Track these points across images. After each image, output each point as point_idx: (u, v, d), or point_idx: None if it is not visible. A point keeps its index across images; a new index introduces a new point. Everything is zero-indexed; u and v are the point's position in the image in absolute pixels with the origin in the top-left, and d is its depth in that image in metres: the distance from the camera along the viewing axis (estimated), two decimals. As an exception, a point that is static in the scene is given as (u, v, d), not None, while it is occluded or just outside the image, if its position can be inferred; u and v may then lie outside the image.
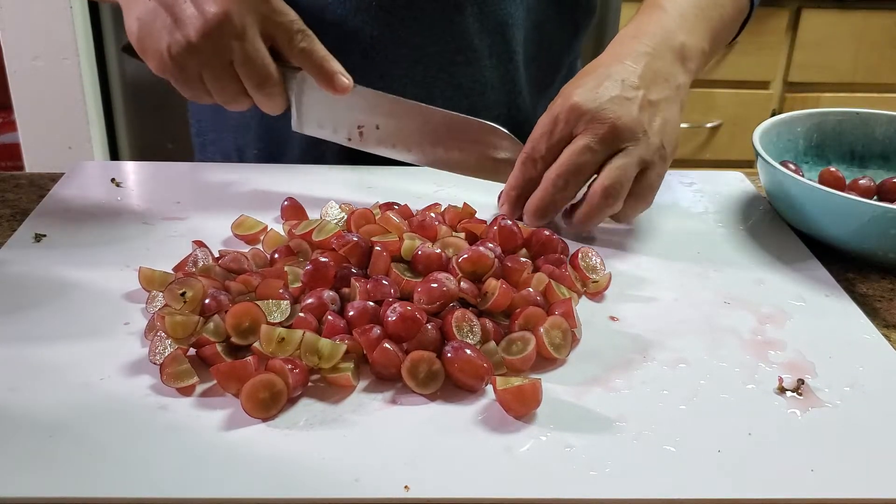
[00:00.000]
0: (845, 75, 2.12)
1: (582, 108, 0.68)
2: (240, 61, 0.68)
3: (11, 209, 0.76)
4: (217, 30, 0.66)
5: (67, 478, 0.45)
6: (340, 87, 0.70)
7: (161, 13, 0.67)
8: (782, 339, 0.60)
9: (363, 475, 0.46)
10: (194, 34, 0.66)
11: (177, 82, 0.70)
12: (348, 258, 0.62)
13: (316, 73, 0.71)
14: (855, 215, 0.67)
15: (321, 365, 0.53)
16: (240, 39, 0.67)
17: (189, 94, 0.71)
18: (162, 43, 0.68)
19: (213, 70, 0.68)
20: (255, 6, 0.67)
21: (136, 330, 0.58)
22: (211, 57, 0.67)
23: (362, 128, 0.74)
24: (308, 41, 0.70)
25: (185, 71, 0.69)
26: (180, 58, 0.67)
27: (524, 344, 0.55)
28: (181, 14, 0.66)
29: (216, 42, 0.66)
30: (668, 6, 0.76)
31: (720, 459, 0.48)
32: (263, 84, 0.69)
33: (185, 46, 0.67)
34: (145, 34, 0.69)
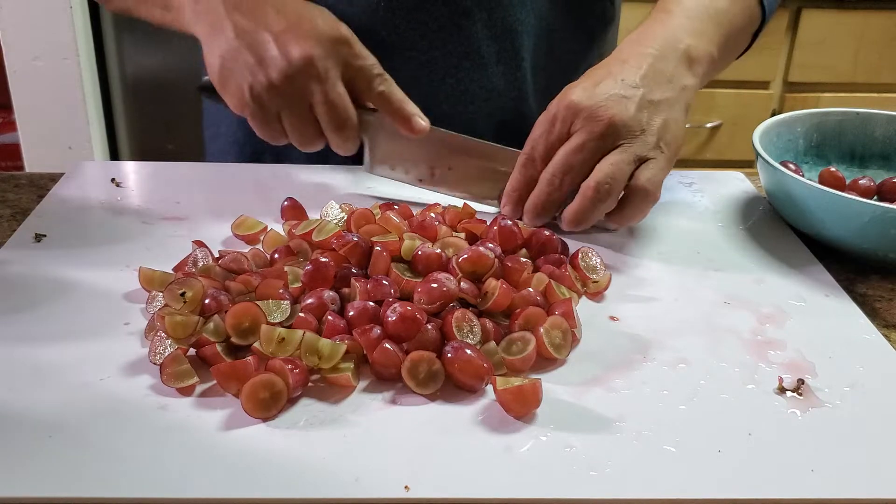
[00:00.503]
0: (845, 75, 2.12)
1: (578, 106, 0.68)
2: (320, 104, 0.69)
3: (11, 209, 0.76)
4: (300, 72, 0.67)
5: (68, 478, 0.45)
6: (418, 128, 0.71)
7: (245, 52, 0.68)
8: (782, 339, 0.60)
9: (363, 475, 0.46)
10: (277, 75, 0.67)
11: (254, 121, 0.71)
12: (348, 258, 0.62)
13: (394, 115, 0.72)
14: (855, 215, 0.67)
15: (321, 365, 0.53)
16: (321, 83, 0.68)
17: (265, 133, 0.72)
18: (244, 82, 0.68)
19: (292, 112, 0.69)
20: (338, 50, 0.68)
21: (136, 330, 0.58)
22: (292, 99, 0.68)
23: (435, 168, 0.75)
24: (387, 85, 0.71)
25: (265, 111, 0.69)
26: (261, 98, 0.68)
27: (524, 344, 0.55)
28: (265, 54, 0.67)
29: (298, 84, 0.67)
30: (676, 10, 0.76)
31: (720, 459, 0.48)
32: (342, 128, 0.70)
33: (267, 87, 0.67)
34: (227, 72, 0.69)
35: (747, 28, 0.83)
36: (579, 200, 0.68)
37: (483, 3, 0.82)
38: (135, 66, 1.99)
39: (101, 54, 1.99)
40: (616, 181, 0.67)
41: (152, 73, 1.99)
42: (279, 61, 0.67)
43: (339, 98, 0.69)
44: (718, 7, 0.78)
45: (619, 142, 0.67)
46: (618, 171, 0.67)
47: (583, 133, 0.68)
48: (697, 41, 0.74)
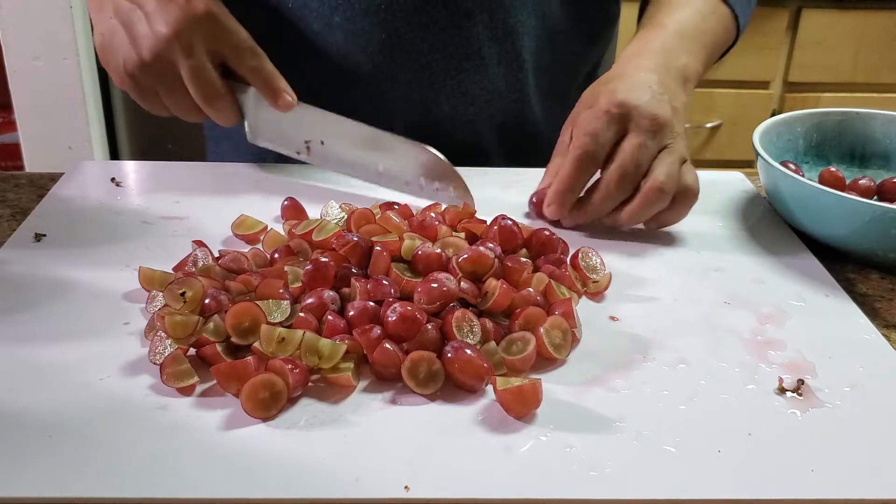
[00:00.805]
0: (845, 75, 2.12)
1: (630, 104, 0.70)
2: (187, 78, 0.72)
3: (11, 209, 0.76)
4: (166, 48, 0.70)
5: (67, 478, 0.45)
6: (284, 104, 0.74)
7: (119, 31, 0.72)
8: (782, 339, 0.60)
9: (363, 475, 0.46)
10: (146, 52, 0.71)
11: (135, 96, 0.75)
12: (348, 258, 0.62)
13: (262, 89, 0.74)
14: (855, 215, 0.67)
15: (321, 365, 0.53)
16: (187, 58, 0.71)
17: (147, 106, 0.75)
18: (119, 59, 0.72)
19: (164, 86, 0.73)
20: (205, 26, 0.71)
21: (136, 330, 0.58)
22: (161, 73, 0.72)
23: (309, 143, 0.77)
24: (256, 59, 0.73)
25: (141, 86, 0.73)
26: (135, 74, 0.72)
27: (524, 344, 0.55)
28: (135, 33, 0.71)
29: (165, 60, 0.71)
30: (670, 25, 0.79)
31: (720, 459, 0.48)
32: (211, 99, 0.73)
33: (138, 63, 0.71)
34: (107, 50, 0.74)
35: (724, 45, 0.86)
36: (641, 200, 0.70)
37: (484, 5, 0.82)
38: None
39: (101, 54, 1.99)
40: (674, 182, 0.69)
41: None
42: (147, 39, 0.70)
43: (204, 72, 0.71)
44: (706, 26, 0.81)
45: (667, 141, 0.70)
46: (674, 172, 0.69)
47: (640, 132, 0.69)
48: (691, 59, 0.78)
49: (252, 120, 0.77)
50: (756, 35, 2.04)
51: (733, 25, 0.85)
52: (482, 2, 0.82)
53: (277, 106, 0.74)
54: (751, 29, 0.88)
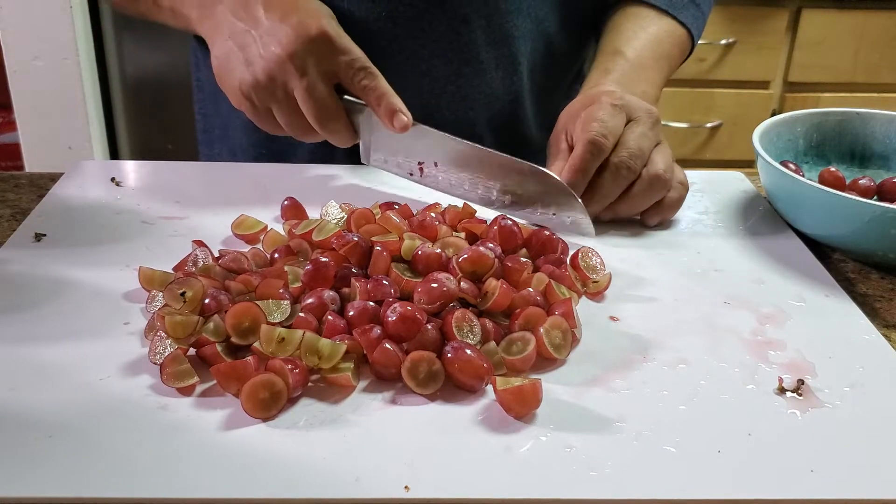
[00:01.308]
0: (845, 75, 2.12)
1: (628, 98, 0.74)
2: (301, 99, 0.71)
3: (11, 209, 0.76)
4: (279, 69, 0.70)
5: (67, 478, 0.45)
6: (400, 124, 0.72)
7: (235, 52, 0.72)
8: (782, 339, 0.60)
9: (363, 475, 0.46)
10: (260, 73, 0.70)
11: (251, 115, 0.74)
12: (348, 258, 0.62)
13: (377, 109, 0.72)
14: (855, 215, 0.67)
15: (321, 365, 0.53)
16: (301, 78, 0.70)
17: (263, 126, 0.75)
18: (235, 80, 0.72)
19: (279, 106, 0.72)
20: (318, 46, 0.70)
21: (136, 330, 0.58)
22: (275, 94, 0.71)
23: (423, 164, 0.76)
24: (370, 79, 0.72)
25: (256, 106, 0.73)
26: (250, 94, 0.72)
27: (524, 344, 0.55)
28: (250, 54, 0.71)
29: (279, 80, 0.70)
30: (630, 54, 0.82)
31: (720, 460, 0.48)
32: (325, 120, 0.72)
33: (253, 84, 0.71)
34: (223, 71, 0.73)
35: (679, 63, 0.90)
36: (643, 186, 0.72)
37: (481, 11, 0.83)
38: (135, 66, 1.99)
39: (101, 54, 1.99)
40: (671, 172, 0.73)
41: (152, 73, 1.99)
42: (261, 60, 0.70)
43: (318, 93, 0.71)
44: (662, 51, 0.85)
45: (660, 137, 0.74)
46: (671, 165, 0.73)
47: (641, 123, 0.73)
48: (648, 87, 0.81)
49: (366, 140, 0.76)
50: (756, 35, 2.04)
51: (688, 43, 0.89)
52: (480, 8, 0.83)
53: (393, 126, 0.72)
54: (751, 29, 0.89)
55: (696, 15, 0.88)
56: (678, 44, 0.87)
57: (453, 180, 0.76)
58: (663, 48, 0.85)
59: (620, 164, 0.71)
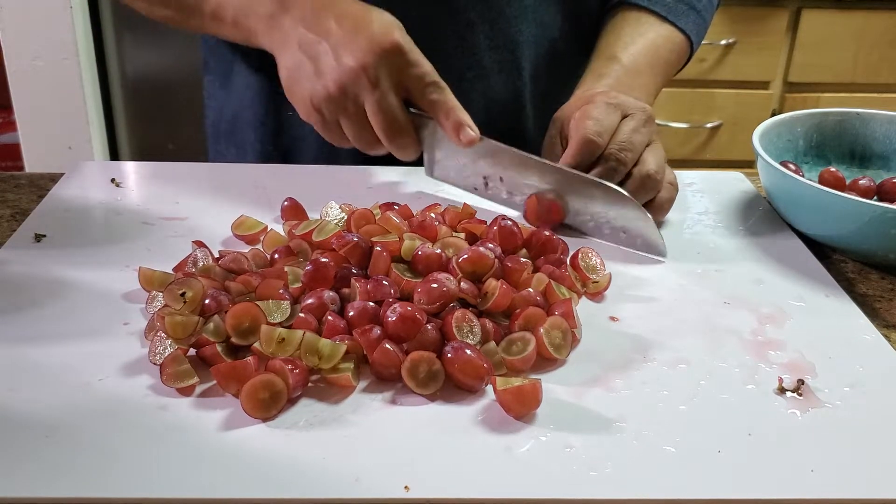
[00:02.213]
0: (845, 75, 2.12)
1: (622, 97, 0.74)
2: (371, 112, 0.70)
3: (11, 209, 0.76)
4: (352, 82, 0.69)
5: (67, 478, 0.45)
6: (466, 139, 0.72)
7: (306, 63, 0.71)
8: (782, 339, 0.60)
9: (363, 475, 0.46)
10: (332, 85, 0.70)
11: (319, 127, 0.74)
12: (348, 258, 0.62)
13: (444, 123, 0.72)
14: (855, 215, 0.67)
15: (321, 365, 0.53)
16: (373, 91, 0.69)
17: (329, 137, 0.75)
18: (306, 92, 0.71)
19: (349, 118, 0.72)
20: (391, 59, 0.69)
21: (136, 330, 0.58)
22: (346, 106, 0.71)
23: (488, 178, 0.75)
24: (439, 93, 0.72)
25: (325, 117, 0.72)
26: (321, 105, 0.71)
27: (524, 344, 0.55)
28: (322, 65, 0.70)
29: (351, 94, 0.70)
30: (625, 60, 0.82)
31: (720, 460, 0.48)
32: (393, 135, 0.72)
33: (325, 96, 0.70)
34: (293, 82, 0.73)
35: (676, 70, 0.90)
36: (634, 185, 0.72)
37: (486, 16, 0.83)
38: (135, 66, 1.99)
39: (101, 54, 1.99)
40: (663, 172, 0.73)
41: (152, 73, 1.99)
42: (334, 72, 0.69)
43: (390, 107, 0.70)
44: (659, 58, 0.84)
45: (653, 136, 0.73)
46: (663, 165, 0.73)
47: (634, 119, 0.73)
48: (642, 94, 0.80)
49: (430, 154, 0.76)
50: (756, 35, 2.04)
51: (687, 50, 0.88)
52: (484, 13, 0.83)
53: (460, 141, 0.71)
54: (751, 29, 0.89)
55: (696, 21, 0.88)
56: (676, 51, 0.87)
57: (517, 196, 0.75)
58: (660, 55, 0.84)
59: (610, 156, 0.71)
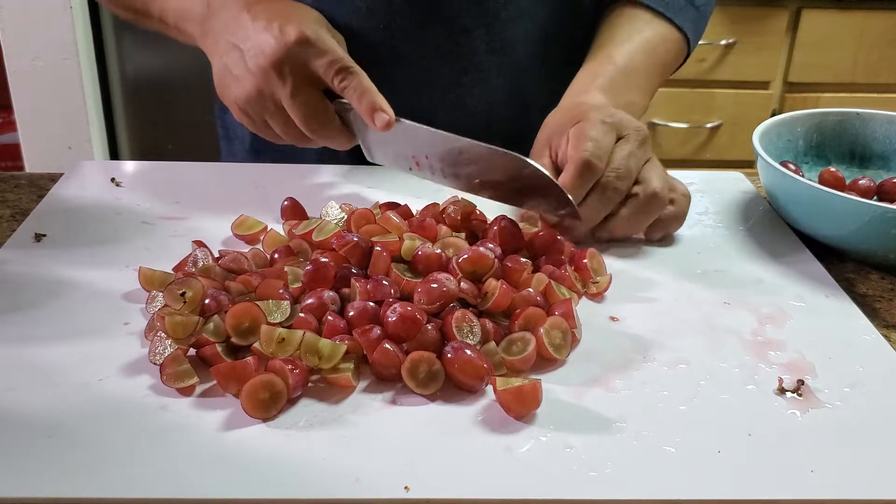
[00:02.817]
0: (845, 75, 2.12)
1: (618, 115, 0.71)
2: (288, 108, 0.71)
3: (11, 209, 0.76)
4: (264, 82, 0.70)
5: (67, 478, 0.45)
6: (381, 122, 0.71)
7: (228, 69, 0.73)
8: (782, 339, 0.60)
9: (363, 475, 0.46)
10: (250, 87, 0.71)
11: (251, 129, 0.76)
12: (348, 258, 0.62)
13: (359, 108, 0.71)
14: (855, 215, 0.67)
15: (321, 365, 0.53)
16: (284, 87, 0.70)
17: (266, 137, 0.76)
18: (231, 95, 0.74)
19: (272, 117, 0.73)
20: (297, 54, 0.70)
21: (136, 330, 0.58)
22: (266, 105, 0.72)
23: (416, 157, 0.75)
24: (350, 78, 0.71)
25: (253, 118, 0.74)
26: (245, 108, 0.73)
27: (524, 344, 0.55)
28: (240, 69, 0.72)
29: (266, 93, 0.71)
30: (619, 60, 0.81)
31: (720, 460, 0.48)
32: (315, 127, 0.72)
33: (245, 100, 0.72)
34: (221, 88, 0.75)
35: (673, 70, 0.88)
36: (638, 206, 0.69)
37: (481, 20, 0.83)
38: (135, 66, 1.99)
39: (101, 54, 1.99)
40: (668, 189, 0.71)
41: (152, 73, 1.99)
42: (249, 75, 0.71)
43: (304, 100, 0.71)
44: (655, 58, 0.83)
45: (650, 154, 0.72)
46: (665, 183, 0.70)
47: (630, 141, 0.70)
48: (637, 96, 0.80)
49: (364, 139, 0.75)
50: (756, 35, 2.04)
51: (684, 47, 0.87)
52: (479, 18, 0.83)
53: (374, 125, 0.71)
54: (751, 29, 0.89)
55: (694, 18, 0.87)
56: (673, 49, 0.86)
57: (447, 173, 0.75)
58: (657, 54, 0.83)
59: (607, 185, 0.68)
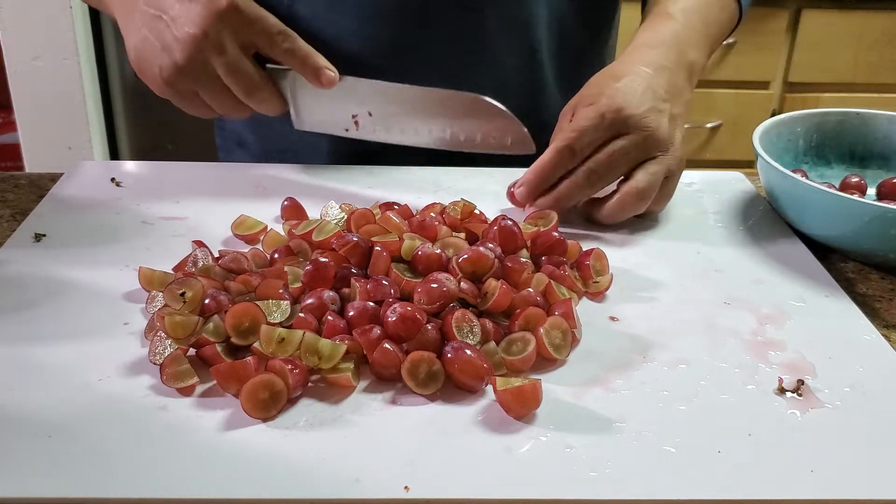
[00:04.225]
0: (845, 75, 2.12)
1: (626, 112, 0.70)
2: (224, 74, 0.71)
3: (11, 209, 0.76)
4: (197, 49, 0.70)
5: (67, 478, 0.45)
6: (327, 80, 0.72)
7: (150, 40, 0.71)
8: (782, 339, 0.60)
9: (363, 475, 0.46)
10: (179, 56, 0.70)
11: (177, 102, 0.74)
12: (348, 258, 0.62)
13: (302, 69, 0.73)
14: (855, 215, 0.67)
15: (321, 365, 0.53)
16: (220, 54, 0.70)
17: (191, 110, 0.75)
18: (154, 68, 0.72)
19: (204, 87, 0.72)
20: (231, 19, 0.70)
21: (136, 330, 0.58)
22: (198, 75, 0.71)
23: (356, 117, 0.75)
24: (290, 41, 0.72)
25: (181, 91, 0.73)
26: (172, 80, 0.71)
27: (524, 344, 0.55)
28: (165, 39, 0.70)
29: (199, 60, 0.70)
30: (679, 17, 0.79)
31: (720, 460, 0.48)
32: (252, 91, 0.72)
33: (173, 69, 0.71)
34: (142, 61, 0.73)
35: (726, 35, 0.87)
36: (620, 202, 0.71)
37: (495, 1, 0.82)
38: (135, 66, 1.99)
39: (101, 54, 1.99)
40: (654, 190, 0.72)
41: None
42: (177, 43, 0.70)
43: (240, 66, 0.71)
44: (711, 17, 0.82)
45: (655, 153, 0.71)
46: (656, 182, 0.71)
47: (628, 139, 0.70)
48: (698, 54, 0.78)
49: (295, 104, 0.76)
50: (756, 35, 2.04)
51: (736, 12, 0.86)
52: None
53: (321, 83, 0.72)
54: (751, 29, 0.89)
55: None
56: (726, 9, 0.84)
57: (391, 126, 0.76)
58: (712, 13, 0.82)
59: (578, 173, 0.71)
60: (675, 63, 0.75)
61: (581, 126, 0.70)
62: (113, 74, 2.01)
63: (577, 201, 0.73)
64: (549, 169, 0.72)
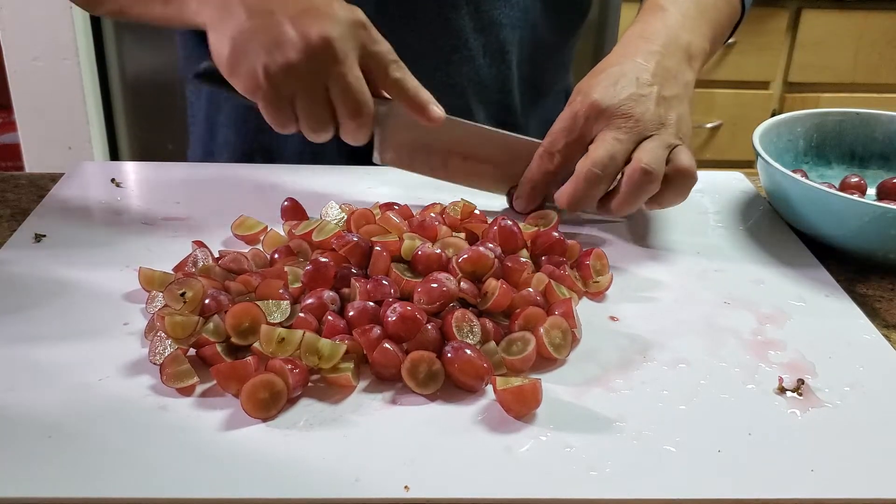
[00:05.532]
0: (845, 75, 2.12)
1: (601, 105, 0.69)
2: (339, 88, 0.66)
3: (11, 209, 0.76)
4: (319, 53, 0.65)
5: (67, 478, 0.45)
6: (434, 117, 0.69)
7: (259, 33, 0.65)
8: (782, 339, 0.60)
9: (363, 475, 0.46)
10: (295, 55, 0.64)
11: (266, 105, 0.68)
12: (348, 258, 0.62)
13: (409, 103, 0.70)
14: (855, 215, 0.67)
15: (321, 365, 0.53)
16: (340, 65, 0.66)
17: (276, 118, 0.69)
18: (258, 63, 0.65)
19: (308, 93, 0.67)
20: (357, 33, 0.66)
21: (136, 330, 0.58)
22: (308, 80, 0.66)
23: (448, 159, 0.74)
24: (402, 71, 0.69)
25: (278, 93, 0.67)
26: (276, 78, 0.65)
27: (524, 344, 0.55)
28: (282, 36, 0.65)
29: (316, 65, 0.65)
30: (671, 7, 0.78)
31: (720, 459, 0.48)
32: (358, 113, 0.68)
33: (284, 67, 0.65)
34: (240, 54, 0.66)
35: (730, 23, 0.86)
36: (627, 186, 0.67)
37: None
38: (135, 66, 1.99)
39: (101, 54, 1.99)
40: (660, 165, 0.67)
41: (152, 73, 1.99)
42: (297, 41, 0.65)
43: (357, 82, 0.67)
44: (707, 4, 0.80)
45: (648, 134, 0.69)
46: (657, 156, 0.68)
47: (612, 129, 0.68)
48: (694, 37, 0.77)
49: (383, 136, 0.73)
50: (756, 35, 2.04)
51: (738, 6, 0.85)
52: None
53: (428, 120, 0.69)
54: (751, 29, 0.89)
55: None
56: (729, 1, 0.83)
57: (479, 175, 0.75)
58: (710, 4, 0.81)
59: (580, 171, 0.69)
60: (665, 47, 0.74)
61: (555, 129, 0.71)
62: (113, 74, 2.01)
63: (591, 199, 0.70)
64: (535, 176, 0.72)
